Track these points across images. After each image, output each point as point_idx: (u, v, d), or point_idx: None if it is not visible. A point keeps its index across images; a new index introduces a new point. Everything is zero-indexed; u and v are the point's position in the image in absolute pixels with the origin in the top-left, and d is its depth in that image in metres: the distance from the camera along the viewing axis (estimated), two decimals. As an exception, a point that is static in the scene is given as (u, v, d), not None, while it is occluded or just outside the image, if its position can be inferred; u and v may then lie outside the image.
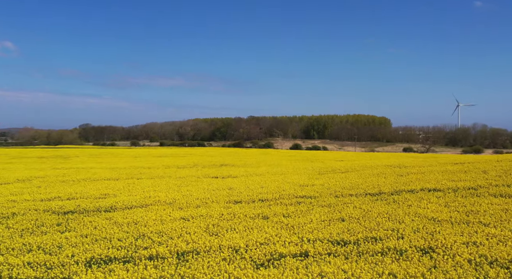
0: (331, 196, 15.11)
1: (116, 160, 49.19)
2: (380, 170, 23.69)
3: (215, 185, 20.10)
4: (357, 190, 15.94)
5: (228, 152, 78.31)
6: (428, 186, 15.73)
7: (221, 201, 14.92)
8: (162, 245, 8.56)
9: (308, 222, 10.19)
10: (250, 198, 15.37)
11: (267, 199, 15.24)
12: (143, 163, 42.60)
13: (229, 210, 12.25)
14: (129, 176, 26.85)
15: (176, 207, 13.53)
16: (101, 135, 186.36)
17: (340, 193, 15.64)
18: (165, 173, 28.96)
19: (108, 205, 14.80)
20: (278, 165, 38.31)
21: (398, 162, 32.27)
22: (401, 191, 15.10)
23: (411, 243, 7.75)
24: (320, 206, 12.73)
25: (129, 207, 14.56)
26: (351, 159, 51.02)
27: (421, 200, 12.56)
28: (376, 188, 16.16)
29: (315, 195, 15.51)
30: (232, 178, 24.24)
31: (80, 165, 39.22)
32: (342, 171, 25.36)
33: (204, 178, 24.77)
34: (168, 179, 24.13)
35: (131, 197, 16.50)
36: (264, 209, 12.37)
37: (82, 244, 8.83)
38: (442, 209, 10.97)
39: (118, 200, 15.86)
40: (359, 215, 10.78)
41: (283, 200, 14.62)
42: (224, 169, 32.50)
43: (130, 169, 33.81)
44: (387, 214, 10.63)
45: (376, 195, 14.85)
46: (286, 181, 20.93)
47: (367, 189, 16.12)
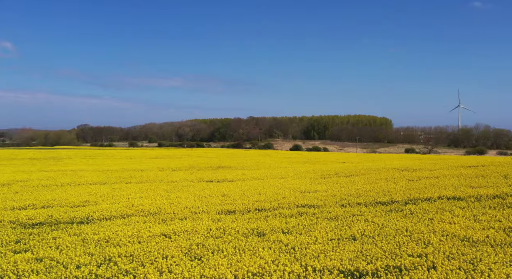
0: (336, 205, 13.33)
1: (109, 161, 47.41)
2: (387, 174, 21.91)
3: (208, 190, 18.32)
4: (366, 198, 14.15)
5: (227, 153, 76.53)
6: (446, 193, 13.94)
7: (212, 211, 13.15)
8: (129, 275, 6.78)
9: (312, 241, 8.41)
10: (245, 207, 13.59)
11: (264, 208, 13.47)
12: (137, 165, 40.83)
13: (219, 224, 10.46)
14: (118, 180, 25.07)
15: (159, 219, 11.74)
16: (100, 136, 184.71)
17: (347, 201, 13.86)
18: (157, 176, 27.18)
19: (84, 215, 13.04)
20: (278, 167, 36.54)
21: (405, 164, 30.47)
22: (416, 200, 13.31)
23: (447, 277, 5.97)
24: (325, 219, 10.95)
25: (107, 217, 12.79)
26: (354, 160, 49.23)
27: (443, 212, 10.77)
28: (387, 196, 14.38)
29: (319, 203, 13.73)
30: (228, 182, 22.47)
31: (70, 167, 37.45)
32: (346, 175, 23.58)
33: (198, 182, 23.00)
34: (158, 184, 22.36)
35: (113, 205, 14.72)
36: (260, 222, 10.58)
37: (29, 274, 7.04)
38: (472, 224, 9.19)
39: (97, 208, 14.09)
40: (373, 231, 9.00)
41: (283, 210, 12.83)
42: (220, 172, 30.73)
43: (121, 171, 32.03)
44: (407, 231, 8.85)
45: (388, 204, 13.07)
46: (286, 186, 19.16)
47: (376, 197, 14.34)
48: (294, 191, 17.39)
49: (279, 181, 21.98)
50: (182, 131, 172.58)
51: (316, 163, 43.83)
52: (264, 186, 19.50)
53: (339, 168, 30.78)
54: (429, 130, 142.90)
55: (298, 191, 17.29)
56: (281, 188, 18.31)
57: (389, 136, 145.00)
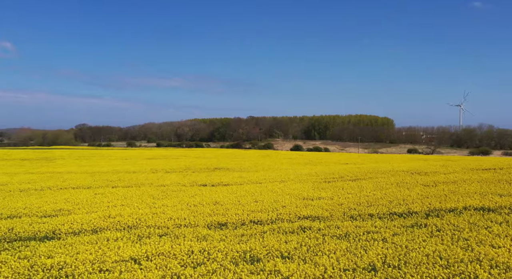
0: (345, 217, 11.41)
1: (103, 162, 45.51)
2: (397, 178, 19.98)
3: (200, 197, 16.40)
4: (379, 208, 12.22)
5: (225, 153, 74.60)
6: (471, 202, 12.01)
7: (200, 223, 11.25)
8: None
9: (320, 273, 6.49)
10: (238, 219, 11.69)
11: (261, 220, 11.56)
12: (130, 166, 38.96)
13: (204, 244, 8.53)
14: (104, 183, 23.17)
15: (135, 235, 9.82)
16: (98, 136, 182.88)
17: (357, 212, 11.94)
18: (148, 179, 25.26)
19: (50, 229, 11.14)
20: (278, 169, 34.61)
21: (413, 166, 28.54)
22: (439, 211, 11.38)
23: None
24: (333, 237, 9.03)
25: (76, 231, 10.89)
26: (357, 161, 47.29)
27: (478, 229, 8.84)
28: (403, 205, 12.45)
29: (324, 214, 11.82)
30: (223, 187, 20.55)
31: (60, 169, 35.58)
32: (352, 178, 21.65)
33: (190, 187, 21.08)
34: (147, 188, 20.45)
35: (87, 216, 12.81)
36: (255, 242, 8.66)
37: None
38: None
39: (69, 219, 12.19)
40: (397, 258, 7.08)
41: (282, 223, 10.92)
42: (216, 174, 28.80)
43: (111, 173, 30.14)
44: (441, 258, 6.92)
45: (406, 216, 11.14)
46: (287, 191, 17.24)
47: (390, 206, 12.42)
48: (296, 197, 15.47)
49: (278, 185, 20.06)
50: (181, 131, 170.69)
51: (318, 164, 41.89)
52: (262, 191, 17.58)
53: (342, 170, 28.84)
54: (432, 131, 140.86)
55: (300, 198, 15.37)
56: (280, 194, 16.40)
57: (391, 137, 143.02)
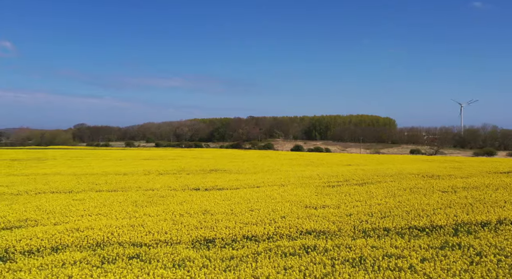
0: (357, 232, 9.55)
1: (95, 163, 43.65)
2: (409, 182, 18.10)
3: (188, 204, 14.52)
4: (395, 220, 10.35)
5: (224, 154, 72.72)
6: (506, 214, 10.14)
7: (183, 239, 9.40)
8: None
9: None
10: (229, 233, 9.83)
11: (255, 235, 9.70)
12: (122, 167, 37.10)
13: (179, 273, 6.65)
14: (88, 187, 21.31)
15: (98, 257, 7.96)
16: (97, 136, 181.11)
17: (370, 225, 10.07)
18: (137, 182, 23.40)
19: (3, 246, 9.31)
20: (278, 170, 32.73)
21: (422, 169, 26.70)
22: (469, 225, 9.52)
23: None
24: (345, 262, 7.16)
25: (33, 250, 9.05)
26: (360, 162, 45.40)
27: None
28: (424, 217, 10.57)
29: (331, 228, 9.95)
30: (217, 192, 18.68)
31: (47, 170, 33.72)
32: (359, 182, 19.76)
33: (181, 191, 19.22)
34: (133, 193, 18.58)
35: (54, 228, 10.94)
36: (246, 270, 6.78)
37: None
38: None
39: (30, 233, 10.33)
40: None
41: (281, 240, 9.06)
42: (212, 177, 26.93)
43: (100, 175, 28.31)
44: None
45: (430, 232, 9.27)
46: (287, 197, 15.37)
47: (409, 218, 10.54)
48: (297, 205, 13.61)
49: (278, 190, 18.18)
50: (180, 131, 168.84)
51: (320, 166, 39.99)
52: (259, 197, 15.70)
53: (346, 173, 26.97)
54: (434, 131, 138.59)
55: (302, 206, 13.51)
56: (280, 201, 14.52)
57: (393, 137, 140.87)
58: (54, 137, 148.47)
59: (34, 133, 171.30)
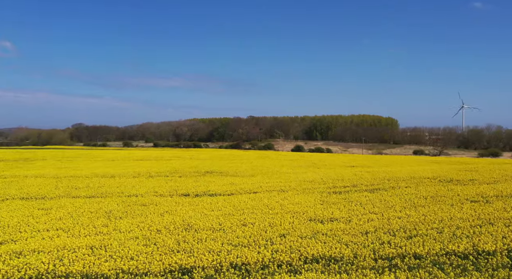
0: (379, 260, 7.26)
1: (84, 164, 41.40)
2: (428, 188, 15.81)
3: (170, 216, 12.23)
4: (427, 243, 8.06)
5: (222, 154, 70.41)
6: None
7: (152, 268, 7.16)
8: None
9: None
10: (212, 260, 7.57)
11: (246, 263, 7.44)
12: (113, 169, 34.84)
13: None
14: (65, 192, 19.05)
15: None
16: (95, 136, 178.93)
17: (394, 249, 7.79)
18: (121, 186, 21.15)
19: None
20: (277, 172, 30.41)
21: (436, 172, 24.40)
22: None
23: None
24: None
25: None
26: (364, 164, 43.09)
27: None
28: (463, 239, 8.28)
29: (345, 254, 7.67)
30: (208, 198, 16.41)
31: (31, 172, 31.44)
32: (369, 188, 17.45)
33: (168, 197, 16.93)
34: (112, 199, 16.30)
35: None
36: None
37: None
38: None
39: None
40: None
41: (280, 274, 6.76)
42: (205, 180, 24.62)
43: (84, 178, 26.05)
44: None
45: (477, 261, 6.97)
46: (287, 207, 13.09)
47: (443, 240, 8.25)
48: (299, 218, 11.33)
49: (277, 196, 15.90)
50: (179, 131, 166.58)
51: (322, 167, 37.69)
52: (256, 207, 13.42)
53: (352, 176, 24.72)
54: (438, 131, 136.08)
55: (305, 219, 11.23)
56: (279, 212, 12.24)
57: (395, 137, 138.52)
58: (50, 137, 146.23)
59: (32, 133, 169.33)
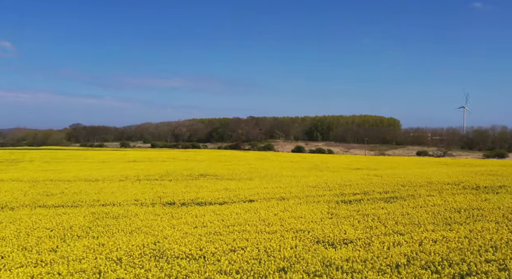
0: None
1: (72, 166, 38.95)
2: (456, 198, 13.29)
3: (140, 236, 9.72)
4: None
5: (220, 155, 67.89)
6: None
7: None
8: None
9: None
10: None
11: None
12: (100, 171, 32.42)
13: None
14: (33, 200, 16.56)
15: None
16: (93, 136, 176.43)
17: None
18: (100, 192, 18.69)
19: None
20: (277, 176, 27.87)
21: (454, 176, 21.94)
22: None
23: None
24: None
25: None
26: (370, 166, 40.59)
27: None
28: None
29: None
30: (195, 208, 13.94)
31: (8, 175, 28.97)
32: (383, 196, 14.93)
33: (148, 208, 14.45)
34: (81, 211, 13.81)
35: None
36: None
37: None
38: None
39: None
40: None
41: None
42: (197, 184, 22.13)
43: (63, 182, 23.64)
44: None
45: None
46: (288, 223, 10.59)
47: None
48: (303, 240, 8.85)
49: (276, 206, 13.42)
50: (178, 132, 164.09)
51: (325, 170, 35.18)
52: (250, 221, 10.92)
53: (360, 180, 22.24)
54: (441, 132, 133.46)
55: (311, 241, 8.76)
56: (278, 231, 9.76)
57: (397, 138, 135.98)
58: (46, 137, 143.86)
59: (29, 133, 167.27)
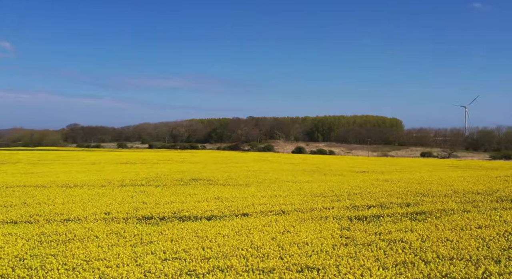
0: None
1: (59, 168, 36.27)
2: (503, 215, 10.57)
3: (84, 275, 7.02)
4: None
5: (217, 156, 65.12)
6: None
7: None
8: None
9: None
10: None
11: None
12: (85, 175, 29.78)
13: None
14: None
15: None
16: (91, 136, 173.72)
17: None
18: (69, 201, 16.04)
19: None
20: (277, 181, 25.13)
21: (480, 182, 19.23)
22: None
23: None
24: None
25: None
26: (376, 169, 37.82)
27: None
28: None
29: None
30: (175, 226, 11.25)
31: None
32: (405, 211, 12.18)
33: (119, 224, 11.75)
34: (30, 230, 11.11)
35: None
36: None
37: None
38: None
39: None
40: None
41: None
42: (186, 192, 19.41)
43: (35, 188, 21.03)
44: None
45: None
46: (290, 255, 7.91)
47: None
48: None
49: (274, 226, 10.71)
50: (176, 132, 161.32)
51: (329, 174, 32.42)
52: (238, 251, 8.23)
53: (371, 187, 19.58)
54: (445, 132, 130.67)
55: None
56: (275, 267, 7.05)
57: (400, 139, 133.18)
58: (42, 138, 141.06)
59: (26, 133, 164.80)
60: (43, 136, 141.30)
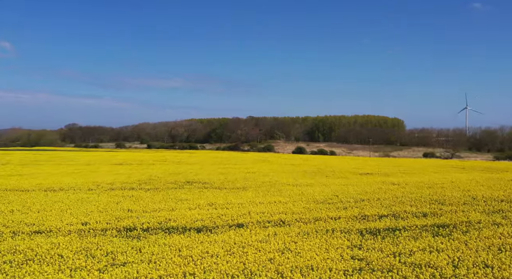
0: None
1: (50, 169, 34.71)
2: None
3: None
4: None
5: (216, 157, 63.51)
6: None
7: None
8: None
9: None
10: None
11: None
12: (73, 177, 28.25)
13: None
14: None
15: None
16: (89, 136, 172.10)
17: None
18: (47, 208, 14.53)
19: None
20: (277, 184, 23.52)
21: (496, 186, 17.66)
22: None
23: None
24: None
25: None
26: (381, 170, 36.21)
27: None
28: None
29: None
30: (158, 241, 9.69)
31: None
32: (422, 223, 10.61)
33: (96, 237, 10.19)
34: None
35: None
36: None
37: None
38: None
39: None
40: None
41: None
42: (178, 197, 17.86)
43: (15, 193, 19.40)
44: None
45: None
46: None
47: None
48: None
49: (272, 242, 9.15)
50: (175, 132, 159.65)
51: (331, 176, 30.81)
52: (230, 276, 6.65)
53: (379, 191, 18.04)
54: (447, 132, 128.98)
55: None
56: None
57: (402, 139, 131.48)
58: (40, 138, 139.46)
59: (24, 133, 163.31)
60: (41, 137, 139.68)
